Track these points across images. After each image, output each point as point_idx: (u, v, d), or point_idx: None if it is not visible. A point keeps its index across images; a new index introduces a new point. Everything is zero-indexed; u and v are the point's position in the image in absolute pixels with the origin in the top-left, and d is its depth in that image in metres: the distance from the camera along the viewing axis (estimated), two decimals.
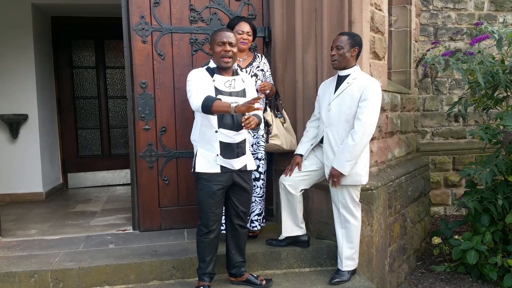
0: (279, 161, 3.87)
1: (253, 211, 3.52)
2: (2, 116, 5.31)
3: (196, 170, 2.86)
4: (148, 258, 3.23)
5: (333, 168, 3.04)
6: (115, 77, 6.70)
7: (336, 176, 3.04)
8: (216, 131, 2.82)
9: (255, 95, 3.05)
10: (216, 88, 2.83)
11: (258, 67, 3.53)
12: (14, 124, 5.42)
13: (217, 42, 2.84)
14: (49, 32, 6.16)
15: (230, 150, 2.84)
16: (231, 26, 3.42)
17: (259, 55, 3.62)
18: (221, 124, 2.81)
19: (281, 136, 3.57)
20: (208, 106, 2.67)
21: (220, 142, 2.82)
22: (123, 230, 3.98)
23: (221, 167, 2.84)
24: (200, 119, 2.88)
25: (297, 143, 3.54)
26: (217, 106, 2.66)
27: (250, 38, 3.44)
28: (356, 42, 3.08)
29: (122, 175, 6.66)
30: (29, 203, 5.35)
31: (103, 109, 6.63)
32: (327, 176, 3.17)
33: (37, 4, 5.53)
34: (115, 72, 6.69)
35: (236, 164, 2.87)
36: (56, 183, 6.16)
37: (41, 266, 3.10)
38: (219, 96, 2.81)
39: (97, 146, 6.66)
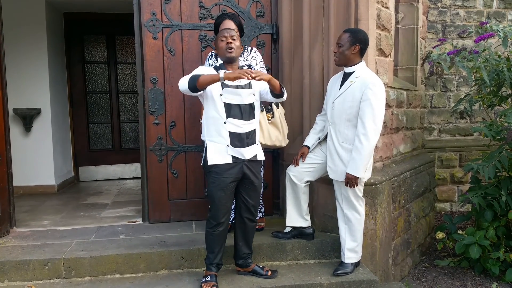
0: (286, 155, 3.95)
1: None
2: (16, 110, 5.43)
3: (209, 163, 2.92)
4: (158, 248, 3.32)
5: (348, 173, 3.08)
6: (126, 73, 6.82)
7: (352, 180, 3.08)
8: (225, 122, 2.89)
9: (263, 84, 3.04)
10: (222, 83, 2.90)
11: (246, 59, 3.52)
12: (28, 117, 5.54)
13: (220, 38, 2.96)
14: (61, 27, 6.27)
15: (239, 139, 2.91)
16: (216, 25, 3.46)
17: (249, 48, 3.61)
18: (229, 114, 2.89)
19: (262, 130, 3.43)
20: (194, 81, 2.78)
21: (230, 132, 2.90)
22: (133, 222, 4.08)
23: (232, 157, 2.91)
24: (208, 112, 2.95)
25: (302, 139, 3.63)
26: (204, 77, 2.77)
27: (237, 34, 3.30)
28: (357, 39, 3.08)
29: (132, 169, 6.78)
30: (42, 195, 5.48)
31: (114, 104, 6.75)
32: (329, 173, 3.24)
33: (50, 0, 5.65)
34: (126, 68, 6.80)
35: (246, 153, 2.94)
36: (68, 176, 6.29)
37: (54, 255, 3.20)
38: (225, 89, 2.89)
39: (108, 140, 6.79)
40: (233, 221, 3.33)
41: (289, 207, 3.45)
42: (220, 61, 3.28)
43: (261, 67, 3.60)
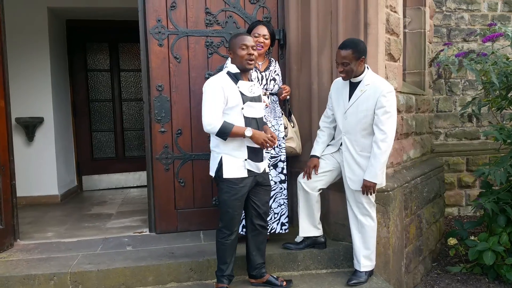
0: (294, 162, 3.87)
1: (283, 214, 3.52)
2: (18, 119, 5.35)
3: (225, 176, 2.86)
4: (166, 260, 3.25)
5: (366, 180, 3.05)
6: (129, 80, 6.75)
7: (371, 187, 3.05)
8: (244, 137, 2.85)
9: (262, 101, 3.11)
10: (241, 93, 2.86)
11: (275, 71, 3.55)
12: (30, 127, 5.47)
13: (241, 45, 2.85)
14: (64, 35, 6.22)
15: (256, 154, 2.91)
16: (249, 30, 3.44)
17: (273, 59, 3.64)
18: None
19: (295, 139, 3.61)
20: (225, 134, 2.77)
21: (248, 147, 2.88)
22: (139, 232, 4.00)
23: (248, 171, 2.89)
24: None
25: (311, 145, 3.57)
26: (234, 133, 2.79)
27: (267, 42, 3.42)
28: (361, 52, 3.02)
29: (136, 177, 6.70)
30: (45, 206, 5.39)
31: (117, 112, 6.67)
32: (349, 184, 3.17)
33: (52, 8, 5.59)
34: (129, 75, 6.73)
35: (261, 166, 2.95)
36: (71, 185, 6.21)
37: (60, 269, 3.13)
38: (247, 103, 2.86)
39: (111, 149, 6.70)
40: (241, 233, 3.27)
41: (302, 217, 3.38)
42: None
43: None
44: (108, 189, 6.56)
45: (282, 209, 3.51)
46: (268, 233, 3.34)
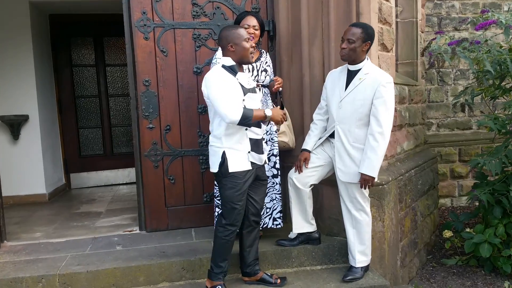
0: (286, 157, 3.80)
1: (275, 209, 3.46)
2: (2, 117, 5.22)
3: (230, 170, 2.78)
4: (157, 260, 3.17)
5: (363, 174, 2.97)
6: (116, 75, 6.59)
7: (368, 181, 2.98)
8: (246, 129, 2.81)
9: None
10: (241, 86, 2.79)
11: (266, 62, 3.47)
12: (15, 125, 5.33)
13: (245, 38, 2.79)
14: (47, 30, 6.05)
15: (258, 145, 2.89)
16: (237, 21, 3.34)
17: (264, 51, 3.55)
18: None
19: (287, 133, 3.53)
20: (248, 120, 2.69)
21: (250, 139, 2.84)
22: (129, 231, 3.91)
23: (251, 163, 2.85)
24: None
25: (303, 139, 3.49)
26: (255, 117, 2.74)
27: (257, 33, 3.32)
28: (369, 36, 2.97)
29: (125, 174, 6.57)
30: (33, 205, 5.26)
31: (104, 108, 6.52)
32: (339, 175, 3.11)
33: (35, 2, 5.42)
34: (115, 70, 6.58)
35: (263, 158, 2.95)
36: (59, 183, 6.08)
37: (49, 271, 3.05)
38: (247, 94, 2.81)
39: (99, 146, 6.56)
40: None
41: (295, 213, 3.31)
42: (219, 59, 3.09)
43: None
44: (97, 186, 6.43)
45: (274, 204, 3.45)
46: (260, 229, 3.26)
